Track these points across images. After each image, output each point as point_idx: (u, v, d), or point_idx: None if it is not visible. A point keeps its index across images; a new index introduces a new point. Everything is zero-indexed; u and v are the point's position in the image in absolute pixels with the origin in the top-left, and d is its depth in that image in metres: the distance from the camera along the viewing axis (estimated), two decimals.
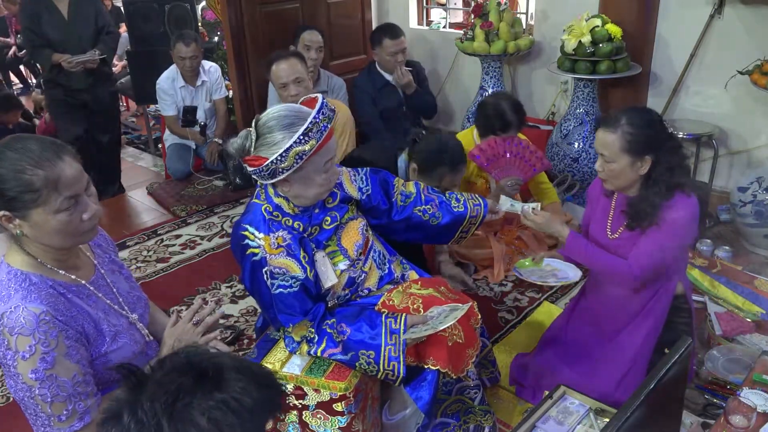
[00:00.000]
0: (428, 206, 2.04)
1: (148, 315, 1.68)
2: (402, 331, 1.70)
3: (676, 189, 1.95)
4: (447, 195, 2.10)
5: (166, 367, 0.81)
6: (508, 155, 2.82)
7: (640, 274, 1.98)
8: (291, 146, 1.58)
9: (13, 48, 7.43)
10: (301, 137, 1.58)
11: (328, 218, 1.82)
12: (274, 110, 1.68)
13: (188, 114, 4.25)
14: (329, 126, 1.65)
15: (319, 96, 1.67)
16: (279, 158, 1.59)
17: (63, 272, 1.44)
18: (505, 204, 2.15)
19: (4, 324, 1.32)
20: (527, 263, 2.22)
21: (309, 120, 1.59)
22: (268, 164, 1.61)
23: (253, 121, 1.70)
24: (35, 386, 1.33)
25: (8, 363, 1.33)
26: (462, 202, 2.08)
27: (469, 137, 3.05)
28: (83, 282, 1.48)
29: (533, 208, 2.12)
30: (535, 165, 2.84)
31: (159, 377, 0.80)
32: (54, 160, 1.32)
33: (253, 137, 1.66)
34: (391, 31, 3.87)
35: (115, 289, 1.56)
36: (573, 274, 2.13)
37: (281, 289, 1.71)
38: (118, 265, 1.66)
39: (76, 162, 1.37)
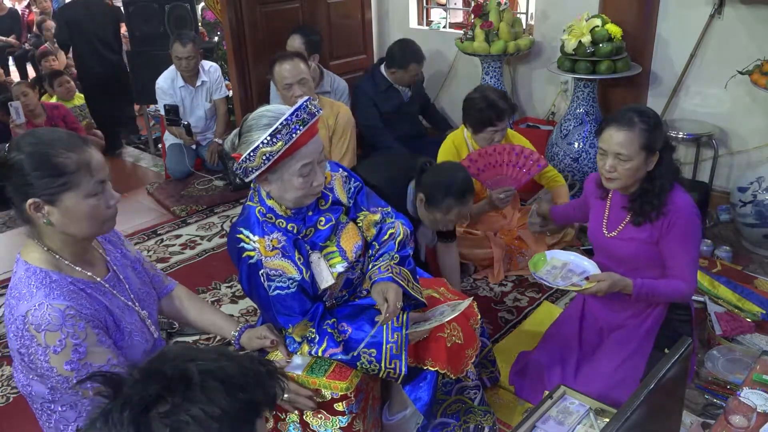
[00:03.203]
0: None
1: (156, 313, 1.69)
2: (404, 328, 1.69)
3: (675, 181, 2.02)
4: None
5: (139, 374, 0.81)
6: (499, 164, 2.80)
7: (693, 283, 2.02)
8: (258, 146, 1.57)
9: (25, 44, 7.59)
10: (269, 138, 1.56)
11: (323, 219, 1.81)
12: (261, 110, 1.68)
13: (170, 113, 4.19)
14: (302, 129, 1.59)
15: (302, 98, 1.64)
16: (248, 157, 1.59)
17: (80, 269, 1.45)
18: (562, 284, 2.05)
19: (29, 321, 1.32)
20: (539, 265, 2.12)
21: (280, 121, 1.57)
22: (240, 162, 1.61)
23: (243, 118, 1.71)
24: (72, 376, 1.34)
25: (39, 358, 1.33)
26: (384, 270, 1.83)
27: (460, 137, 3.04)
28: (99, 279, 1.49)
29: (585, 279, 2.02)
30: (530, 169, 2.82)
31: (131, 385, 0.79)
32: (82, 146, 1.37)
33: (238, 134, 1.68)
34: (418, 56, 3.99)
35: (127, 285, 1.57)
36: (588, 264, 2.09)
37: (279, 291, 1.71)
38: (131, 260, 1.67)
39: (99, 152, 1.42)
